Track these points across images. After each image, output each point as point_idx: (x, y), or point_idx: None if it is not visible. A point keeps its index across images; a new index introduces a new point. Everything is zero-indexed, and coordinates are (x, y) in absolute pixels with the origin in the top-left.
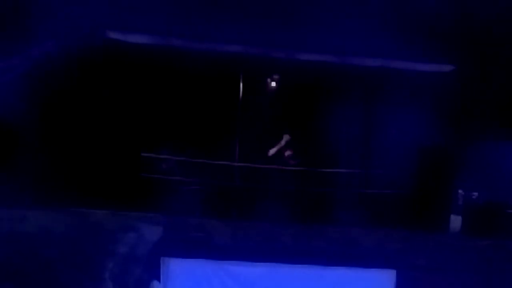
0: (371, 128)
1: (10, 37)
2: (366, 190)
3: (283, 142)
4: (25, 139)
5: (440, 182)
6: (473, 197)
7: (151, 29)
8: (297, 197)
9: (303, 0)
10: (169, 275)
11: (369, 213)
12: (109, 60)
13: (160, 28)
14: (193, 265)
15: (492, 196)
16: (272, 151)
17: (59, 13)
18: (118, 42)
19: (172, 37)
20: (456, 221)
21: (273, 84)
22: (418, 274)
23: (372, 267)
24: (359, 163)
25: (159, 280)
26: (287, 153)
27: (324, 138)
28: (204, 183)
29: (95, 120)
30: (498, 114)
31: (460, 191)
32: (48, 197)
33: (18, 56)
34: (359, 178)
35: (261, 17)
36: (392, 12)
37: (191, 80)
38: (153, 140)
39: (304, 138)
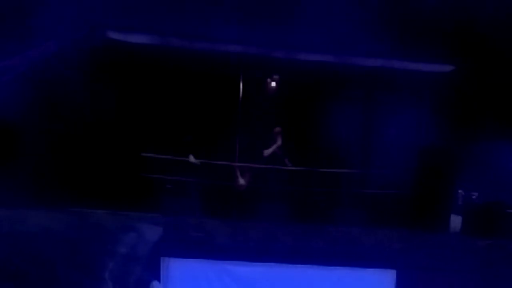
0: (371, 128)
1: (10, 37)
2: (366, 190)
3: (278, 142)
4: (25, 139)
5: (440, 182)
6: (473, 197)
7: (151, 29)
8: (297, 197)
9: (303, 0)
10: (169, 275)
11: (369, 213)
12: (109, 60)
13: (160, 28)
14: (193, 265)
15: (492, 196)
16: (267, 152)
17: (59, 13)
18: (118, 42)
19: (172, 37)
20: (456, 221)
21: (273, 84)
22: (418, 274)
23: (372, 267)
24: (359, 163)
25: (159, 280)
26: (287, 153)
27: (324, 138)
28: (204, 183)
29: (95, 120)
30: (498, 114)
31: (460, 191)
32: (48, 197)
33: (18, 56)
34: (359, 178)
35: (261, 17)
36: (392, 12)
37: (191, 80)
38: (153, 140)
39: (304, 138)
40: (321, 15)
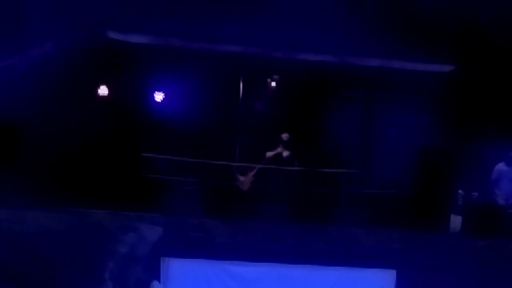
0: (371, 128)
1: (10, 37)
2: (366, 190)
3: (280, 147)
4: (25, 139)
5: (440, 182)
6: (473, 197)
7: (151, 29)
8: (297, 197)
9: (304, 0)
10: (169, 275)
11: (369, 213)
12: (109, 60)
13: (160, 28)
14: (193, 265)
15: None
16: (269, 154)
17: (59, 13)
18: (118, 42)
19: (172, 37)
20: (456, 221)
21: (273, 84)
22: (418, 274)
23: (373, 267)
24: (359, 163)
25: (159, 280)
26: (287, 153)
27: (324, 138)
28: (204, 183)
29: (95, 120)
30: (498, 114)
31: (460, 191)
32: (48, 197)
33: (18, 56)
34: (359, 178)
35: (261, 17)
36: (392, 12)
37: (191, 80)
38: (153, 140)
39: (304, 138)
40: (321, 15)
